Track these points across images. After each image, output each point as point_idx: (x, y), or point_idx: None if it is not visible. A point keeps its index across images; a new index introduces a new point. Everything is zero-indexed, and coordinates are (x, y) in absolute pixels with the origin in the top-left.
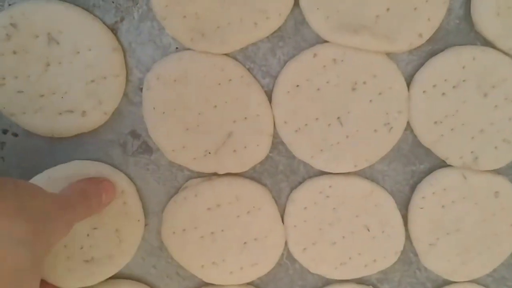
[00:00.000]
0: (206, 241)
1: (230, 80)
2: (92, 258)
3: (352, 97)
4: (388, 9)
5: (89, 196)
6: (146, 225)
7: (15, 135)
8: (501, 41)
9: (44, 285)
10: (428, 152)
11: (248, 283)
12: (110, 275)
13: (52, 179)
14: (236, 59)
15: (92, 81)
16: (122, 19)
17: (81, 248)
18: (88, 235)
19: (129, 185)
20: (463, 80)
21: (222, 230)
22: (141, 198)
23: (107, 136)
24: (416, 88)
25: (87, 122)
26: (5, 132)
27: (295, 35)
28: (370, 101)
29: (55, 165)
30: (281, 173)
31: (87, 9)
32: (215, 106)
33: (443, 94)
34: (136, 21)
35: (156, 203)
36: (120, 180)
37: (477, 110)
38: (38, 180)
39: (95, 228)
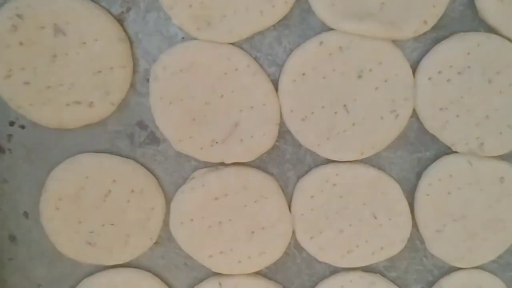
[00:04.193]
0: (214, 231)
1: (236, 69)
2: (95, 244)
3: (358, 85)
4: None
5: None
6: (155, 243)
7: (22, 127)
8: (505, 28)
9: None
10: (434, 138)
11: (256, 272)
12: (101, 263)
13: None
14: (242, 48)
15: (99, 72)
16: (128, 10)
17: (91, 232)
18: (103, 225)
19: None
20: (468, 67)
21: (230, 220)
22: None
23: (114, 127)
24: (421, 74)
25: (94, 113)
26: (12, 124)
27: (301, 23)
28: (376, 88)
29: (62, 157)
30: (287, 162)
31: (93, 0)
32: (222, 96)
33: (448, 80)
34: (143, 11)
35: (163, 193)
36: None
37: (482, 96)
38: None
39: (111, 224)
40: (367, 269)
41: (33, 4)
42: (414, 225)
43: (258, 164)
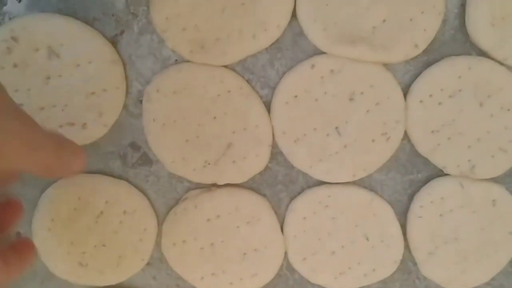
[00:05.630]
0: (206, 252)
1: (229, 91)
2: (87, 265)
3: (349, 107)
4: (384, 20)
5: (62, 149)
6: (147, 264)
7: None
8: (496, 51)
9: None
10: (425, 161)
11: None
12: (93, 284)
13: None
14: (235, 71)
15: (93, 93)
16: (122, 32)
17: (83, 253)
18: (95, 246)
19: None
20: (459, 90)
21: (222, 241)
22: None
23: (107, 148)
24: (413, 98)
25: (88, 134)
26: None
27: (293, 46)
28: (368, 111)
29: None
30: (280, 183)
31: (87, 22)
32: (215, 118)
33: (440, 103)
34: (136, 34)
35: (156, 214)
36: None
37: (473, 119)
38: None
39: (103, 245)
40: None
41: (28, 27)
42: (406, 247)
43: (251, 185)
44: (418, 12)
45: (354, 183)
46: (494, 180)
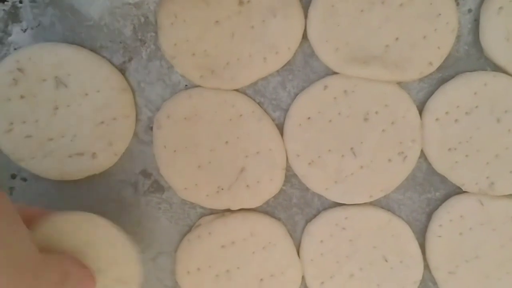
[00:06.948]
0: (222, 280)
1: (241, 115)
2: None
3: (364, 128)
4: (397, 39)
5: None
6: None
7: (24, 179)
8: None
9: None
10: (443, 179)
11: None
12: None
13: None
14: (246, 94)
15: (102, 122)
16: (130, 59)
17: None
18: None
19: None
20: (476, 106)
21: (238, 268)
22: (154, 238)
23: (117, 176)
24: (428, 116)
25: (98, 164)
26: (13, 177)
27: (305, 67)
28: (383, 130)
29: (65, 209)
30: (295, 206)
31: (94, 51)
32: (227, 142)
33: (456, 120)
34: (145, 60)
35: (169, 242)
36: None
37: (491, 135)
38: None
39: None
40: None
41: (34, 57)
42: (426, 266)
43: (265, 209)
44: (431, 30)
45: (371, 203)
46: None
